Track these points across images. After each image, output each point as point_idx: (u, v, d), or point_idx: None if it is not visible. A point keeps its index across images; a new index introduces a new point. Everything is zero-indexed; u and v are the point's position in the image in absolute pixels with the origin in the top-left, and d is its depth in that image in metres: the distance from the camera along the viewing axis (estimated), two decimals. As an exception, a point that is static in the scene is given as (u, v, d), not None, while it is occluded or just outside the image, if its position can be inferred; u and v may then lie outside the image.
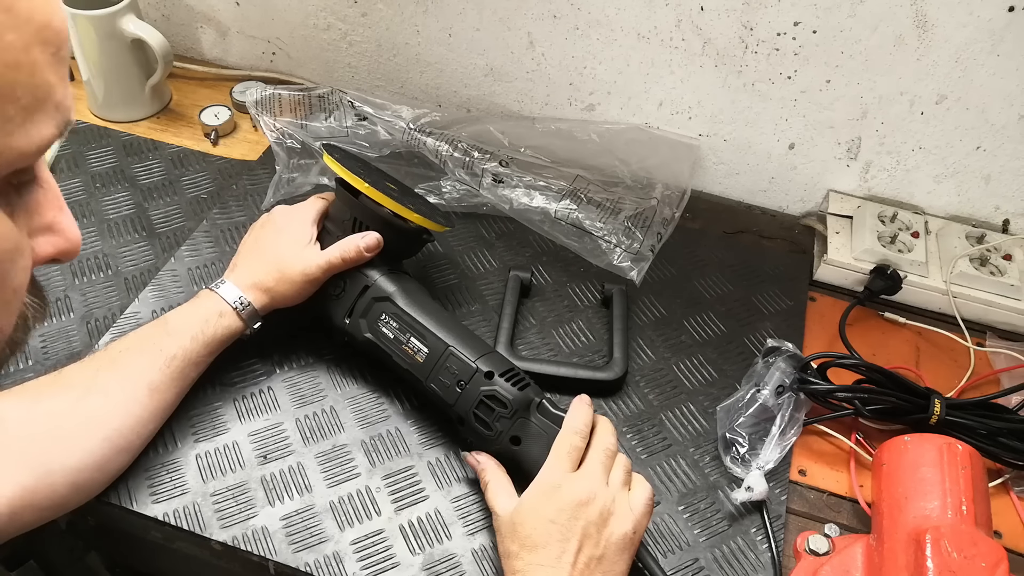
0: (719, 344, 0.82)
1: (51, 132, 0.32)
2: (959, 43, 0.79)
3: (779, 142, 0.93)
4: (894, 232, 0.88)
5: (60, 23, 0.31)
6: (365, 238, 0.72)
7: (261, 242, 0.74)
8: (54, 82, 0.31)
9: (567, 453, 0.61)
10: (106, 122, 1.01)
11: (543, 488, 0.60)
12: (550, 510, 0.58)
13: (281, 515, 0.65)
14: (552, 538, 0.57)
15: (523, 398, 0.65)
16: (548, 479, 0.60)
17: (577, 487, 0.59)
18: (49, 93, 0.31)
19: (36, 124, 0.31)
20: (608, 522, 0.58)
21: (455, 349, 0.67)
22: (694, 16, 0.86)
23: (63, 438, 0.60)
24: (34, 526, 0.59)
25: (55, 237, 0.36)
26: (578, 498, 0.58)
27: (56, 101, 0.32)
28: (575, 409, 0.64)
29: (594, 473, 0.60)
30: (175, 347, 0.66)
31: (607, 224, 0.86)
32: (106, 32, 0.93)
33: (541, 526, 0.58)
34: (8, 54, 0.29)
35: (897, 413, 0.72)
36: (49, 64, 0.31)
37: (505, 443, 0.65)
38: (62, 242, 0.36)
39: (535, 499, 0.59)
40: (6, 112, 0.29)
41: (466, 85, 1.02)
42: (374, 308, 0.71)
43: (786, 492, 0.70)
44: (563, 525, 0.57)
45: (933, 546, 0.56)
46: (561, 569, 0.56)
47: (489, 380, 0.65)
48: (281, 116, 0.92)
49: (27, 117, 0.30)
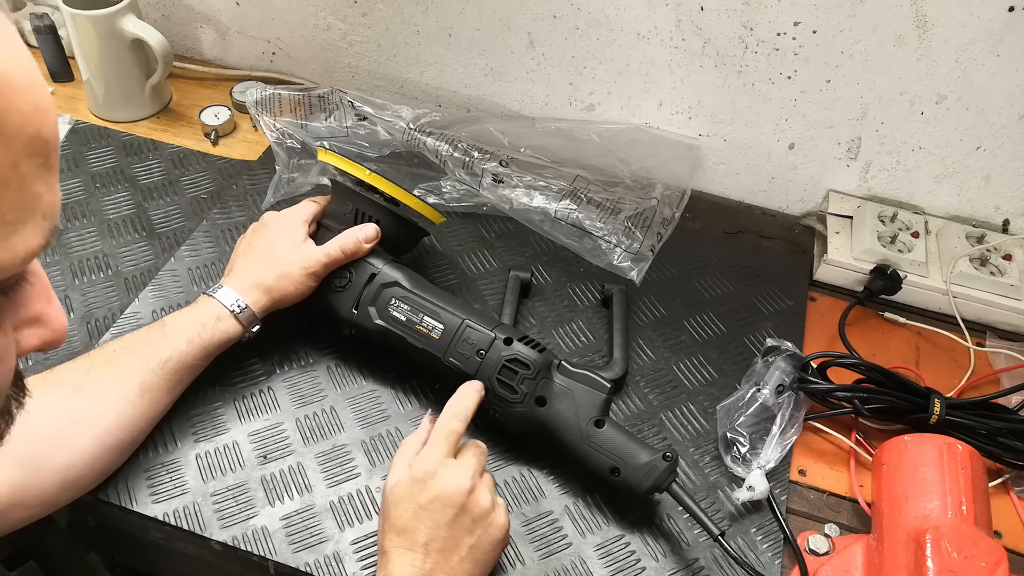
0: (719, 344, 0.82)
1: (37, 243, 0.31)
2: (959, 43, 0.79)
3: (779, 142, 0.93)
4: (894, 232, 0.88)
5: (50, 131, 0.30)
6: (363, 229, 0.72)
7: (256, 245, 0.74)
8: (42, 192, 0.31)
9: (445, 436, 0.61)
10: (106, 122, 1.01)
11: (418, 473, 0.59)
12: (422, 495, 0.58)
13: (281, 515, 0.65)
14: (421, 524, 0.57)
15: (544, 359, 0.67)
16: (425, 463, 0.60)
17: (454, 475, 0.59)
18: (36, 205, 0.30)
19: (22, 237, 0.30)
20: (476, 509, 0.59)
21: (470, 322, 0.69)
22: (694, 16, 0.86)
23: (53, 436, 0.60)
24: (24, 524, 0.59)
25: (41, 329, 0.36)
26: (455, 486, 0.58)
27: (44, 211, 0.31)
28: (460, 393, 0.65)
29: (468, 464, 0.60)
30: (170, 349, 0.66)
31: (607, 224, 0.86)
32: (106, 32, 0.93)
33: (411, 511, 0.58)
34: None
35: (897, 413, 0.72)
36: (37, 176, 0.30)
37: (531, 405, 0.66)
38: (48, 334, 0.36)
39: (409, 483, 0.59)
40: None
41: (466, 85, 1.02)
42: (383, 294, 0.71)
43: (786, 492, 0.70)
44: (434, 512, 0.57)
45: (933, 546, 0.56)
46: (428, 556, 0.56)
47: (508, 345, 0.67)
48: (281, 116, 0.92)
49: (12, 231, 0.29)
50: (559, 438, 0.66)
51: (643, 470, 0.63)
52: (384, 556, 0.58)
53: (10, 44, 0.29)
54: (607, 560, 0.65)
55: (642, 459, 0.64)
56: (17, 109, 0.28)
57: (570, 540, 0.66)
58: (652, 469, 0.63)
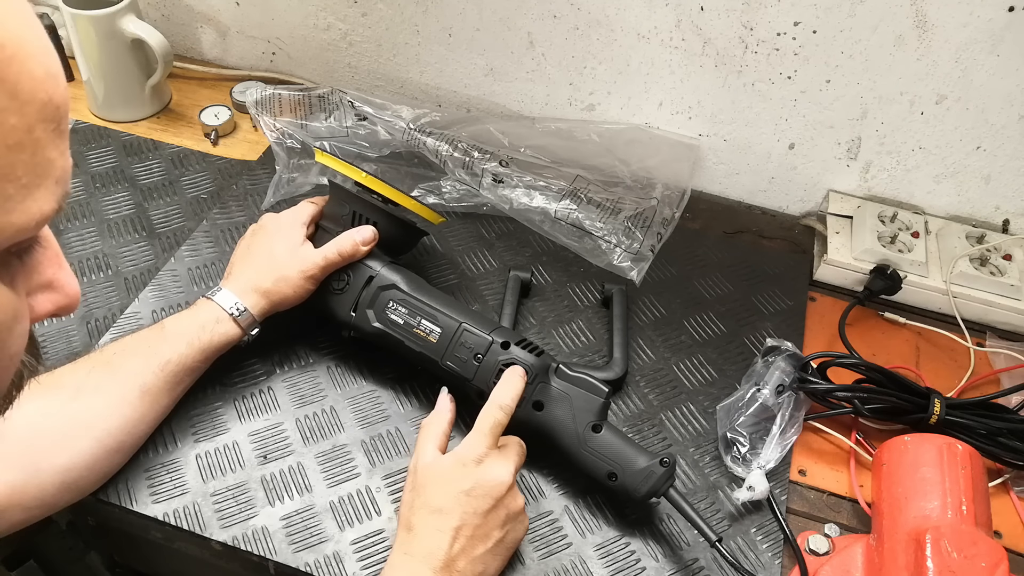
0: (719, 344, 0.82)
1: (51, 206, 0.32)
2: (959, 43, 0.79)
3: (779, 142, 0.93)
4: (894, 232, 0.88)
5: (62, 97, 0.31)
6: (361, 232, 0.72)
7: (254, 248, 0.74)
8: (54, 157, 0.32)
9: (490, 428, 0.62)
10: (106, 122, 1.01)
11: (463, 458, 0.60)
12: (465, 482, 0.59)
13: (281, 515, 0.65)
14: (457, 509, 0.58)
15: (541, 363, 0.67)
16: (471, 450, 0.60)
17: (497, 467, 0.60)
18: (49, 169, 0.31)
19: (36, 200, 0.31)
20: (518, 516, 0.61)
21: (468, 325, 0.68)
22: (694, 16, 0.86)
23: (53, 437, 0.60)
24: (23, 525, 0.59)
25: (54, 294, 0.37)
26: (498, 479, 0.59)
27: (56, 176, 0.32)
28: (505, 382, 0.65)
29: (511, 458, 0.62)
30: (170, 351, 0.66)
31: (607, 224, 0.86)
32: (106, 32, 0.93)
33: (450, 495, 0.58)
34: (11, 136, 0.29)
35: (897, 413, 0.72)
36: (50, 140, 0.31)
37: (528, 409, 0.66)
38: (61, 298, 0.37)
39: (453, 467, 0.60)
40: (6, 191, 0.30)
41: (466, 85, 1.02)
42: (381, 297, 0.71)
43: (786, 492, 0.70)
44: (473, 500, 0.58)
45: (933, 546, 0.56)
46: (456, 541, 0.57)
47: (506, 349, 0.67)
48: (281, 116, 0.92)
49: (27, 194, 0.30)
50: (556, 442, 0.66)
51: (640, 475, 0.63)
52: (410, 531, 0.58)
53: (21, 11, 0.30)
54: (607, 560, 0.65)
55: (639, 464, 0.64)
56: (30, 74, 0.29)
57: (570, 540, 0.66)
58: (649, 475, 0.63)
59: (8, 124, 0.29)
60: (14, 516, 0.58)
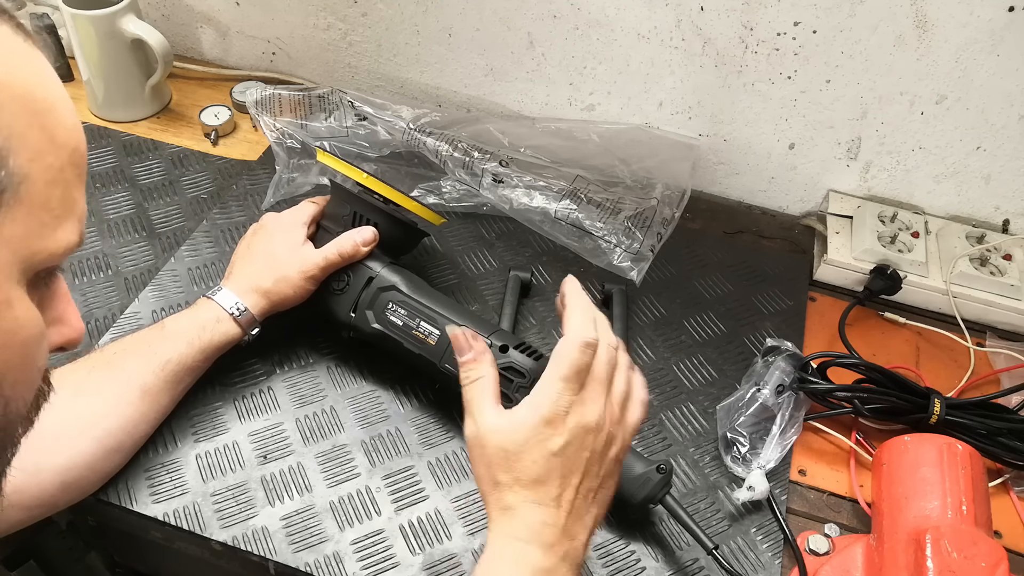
0: (719, 344, 0.82)
1: (75, 239, 0.37)
2: (959, 43, 0.79)
3: (779, 142, 0.93)
4: (894, 232, 0.88)
5: (84, 147, 0.38)
6: (361, 232, 0.72)
7: (254, 248, 0.74)
8: (78, 197, 0.37)
9: (576, 373, 0.52)
10: (106, 122, 1.01)
11: (547, 414, 0.51)
12: (555, 442, 0.51)
13: (281, 515, 0.65)
14: (554, 473, 0.51)
15: (539, 367, 0.66)
16: (554, 404, 0.51)
17: (587, 414, 0.52)
18: (75, 206, 0.37)
19: (65, 231, 0.36)
20: (611, 447, 0.53)
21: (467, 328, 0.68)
22: (694, 16, 0.86)
23: (52, 438, 0.60)
24: (23, 525, 0.59)
25: (64, 327, 0.41)
26: (586, 426, 0.51)
27: (79, 214, 0.37)
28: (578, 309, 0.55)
29: (599, 394, 0.53)
30: (171, 351, 0.66)
31: (607, 224, 0.86)
32: (106, 32, 0.93)
33: (543, 460, 0.50)
34: (48, 173, 0.35)
35: (897, 413, 0.72)
36: (76, 182, 0.37)
37: None
38: (69, 332, 0.41)
39: (538, 427, 0.51)
40: (43, 219, 0.35)
41: (466, 85, 1.02)
42: (380, 298, 0.71)
43: (786, 492, 0.70)
44: (568, 458, 0.51)
45: (933, 546, 0.56)
46: (560, 508, 0.51)
47: (504, 353, 0.66)
48: (281, 116, 0.92)
49: (59, 225, 0.36)
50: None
51: (636, 482, 0.63)
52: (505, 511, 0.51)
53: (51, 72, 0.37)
54: (607, 560, 0.65)
55: (636, 471, 0.63)
56: (63, 125, 0.36)
57: (570, 540, 0.66)
58: (646, 481, 0.63)
59: (46, 163, 0.34)
60: (14, 516, 0.58)
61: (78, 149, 0.37)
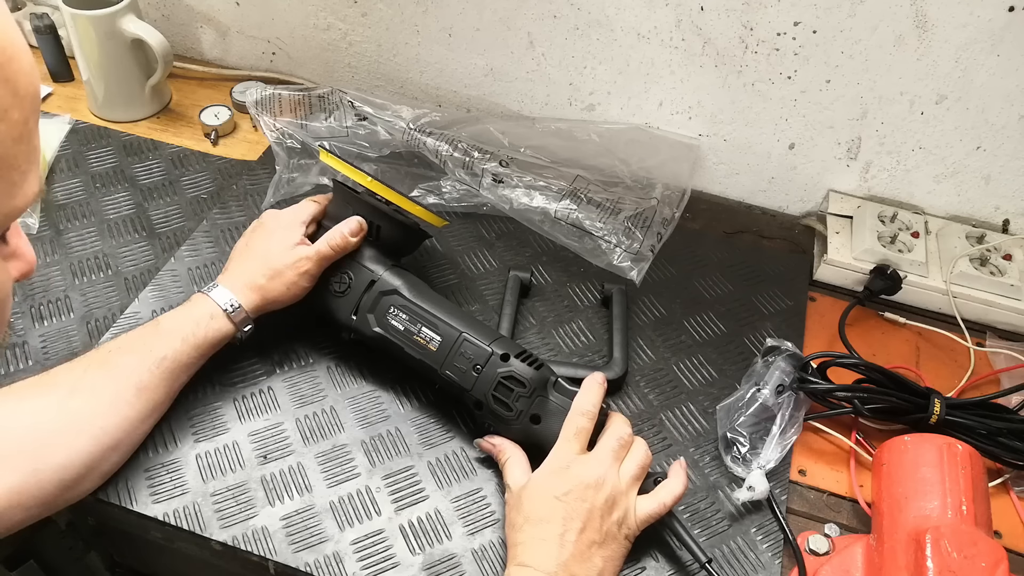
0: (719, 344, 0.82)
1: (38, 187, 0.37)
2: (959, 43, 0.79)
3: (779, 142, 0.93)
4: (894, 232, 0.88)
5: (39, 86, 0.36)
6: (348, 224, 0.72)
7: (252, 245, 0.74)
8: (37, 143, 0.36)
9: (575, 434, 0.63)
10: (106, 122, 1.01)
11: (552, 467, 0.62)
12: (558, 488, 0.60)
13: (281, 515, 0.65)
14: (556, 514, 0.59)
15: (540, 377, 0.66)
16: (558, 458, 0.62)
17: (586, 469, 0.61)
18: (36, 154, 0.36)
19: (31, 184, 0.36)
20: (613, 511, 0.61)
21: (468, 335, 0.68)
22: (694, 16, 0.86)
23: (50, 437, 0.60)
24: (23, 525, 0.59)
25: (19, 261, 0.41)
26: (586, 480, 0.60)
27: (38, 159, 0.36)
28: (586, 389, 0.66)
29: (604, 459, 0.62)
30: (165, 348, 0.66)
31: (607, 224, 0.86)
32: (106, 32, 0.93)
33: (547, 502, 0.60)
34: (15, 129, 0.33)
35: (897, 413, 0.72)
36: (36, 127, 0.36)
37: (525, 422, 0.66)
38: (23, 265, 0.42)
39: (544, 476, 0.62)
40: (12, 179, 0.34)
41: (466, 85, 1.02)
42: (382, 302, 0.71)
43: (786, 492, 0.70)
44: (569, 504, 0.59)
45: (933, 546, 0.56)
46: (563, 547, 0.58)
47: (505, 362, 0.67)
48: (281, 116, 0.92)
49: (25, 179, 0.35)
50: None
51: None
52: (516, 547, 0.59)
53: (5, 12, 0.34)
54: (607, 560, 0.65)
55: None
56: (23, 71, 0.33)
57: (570, 540, 0.66)
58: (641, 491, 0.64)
59: (13, 119, 0.33)
60: (14, 516, 0.58)
61: (37, 92, 0.35)
